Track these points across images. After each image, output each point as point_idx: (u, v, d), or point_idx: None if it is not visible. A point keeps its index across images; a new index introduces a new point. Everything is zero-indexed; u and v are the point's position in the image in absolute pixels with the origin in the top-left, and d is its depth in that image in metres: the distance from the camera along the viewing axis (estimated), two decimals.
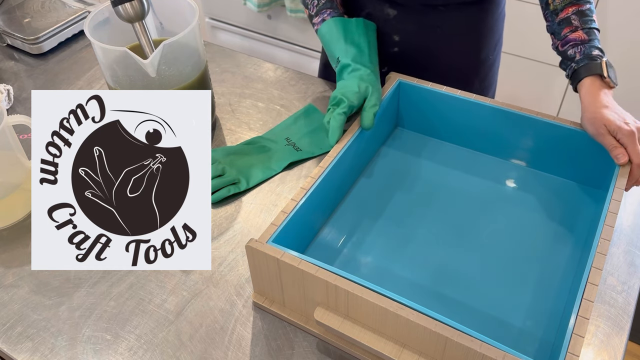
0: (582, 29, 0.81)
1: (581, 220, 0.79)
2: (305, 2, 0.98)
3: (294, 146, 0.94)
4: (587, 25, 0.81)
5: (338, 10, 0.95)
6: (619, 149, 0.74)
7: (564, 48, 0.83)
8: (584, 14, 0.82)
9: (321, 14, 0.94)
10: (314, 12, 0.95)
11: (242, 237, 0.81)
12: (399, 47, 1.00)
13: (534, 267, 0.74)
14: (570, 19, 0.82)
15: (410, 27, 0.97)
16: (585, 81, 0.79)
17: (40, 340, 0.70)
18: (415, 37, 0.98)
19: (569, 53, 0.82)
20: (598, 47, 0.80)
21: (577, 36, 0.81)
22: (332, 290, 0.62)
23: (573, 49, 0.81)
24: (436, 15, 0.95)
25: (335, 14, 0.94)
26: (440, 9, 0.94)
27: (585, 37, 0.81)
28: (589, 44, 0.80)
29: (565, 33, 0.82)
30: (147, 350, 0.68)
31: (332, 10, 0.94)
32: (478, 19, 0.97)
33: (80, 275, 0.77)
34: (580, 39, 0.81)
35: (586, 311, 0.59)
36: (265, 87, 1.08)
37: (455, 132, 0.91)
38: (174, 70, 0.87)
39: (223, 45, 1.44)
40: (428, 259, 0.76)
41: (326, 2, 0.94)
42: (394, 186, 0.86)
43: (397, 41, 0.99)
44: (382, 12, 0.97)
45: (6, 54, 1.19)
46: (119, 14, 0.83)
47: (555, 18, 0.84)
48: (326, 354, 0.68)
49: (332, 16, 0.93)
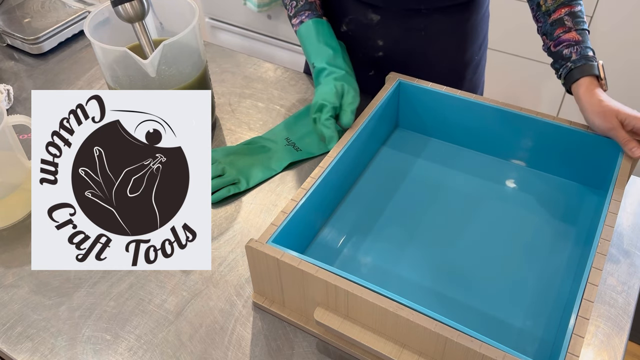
0: (576, 30, 0.82)
1: (581, 221, 0.79)
2: (285, 3, 0.98)
3: (294, 146, 0.94)
4: (580, 26, 0.82)
5: (317, 11, 0.95)
6: (632, 142, 0.75)
7: (558, 48, 0.83)
8: (576, 15, 0.82)
9: (299, 16, 0.95)
10: (292, 13, 0.96)
11: (242, 237, 0.81)
12: (384, 51, 1.00)
13: (534, 267, 0.74)
14: (564, 19, 0.82)
15: (394, 31, 0.97)
16: (583, 81, 0.79)
17: (40, 340, 0.70)
18: (400, 41, 0.98)
19: (564, 53, 0.82)
20: (591, 49, 0.81)
21: (571, 37, 0.82)
22: (332, 290, 0.62)
23: (568, 49, 0.81)
24: (420, 19, 0.95)
25: (314, 15, 0.94)
26: (424, 12, 0.94)
27: (579, 37, 0.81)
28: (584, 44, 0.81)
29: (559, 34, 0.83)
30: (147, 351, 0.68)
31: (311, 12, 0.94)
32: (462, 20, 0.97)
33: (80, 275, 0.77)
34: (575, 40, 0.81)
35: (586, 311, 0.59)
36: (265, 87, 1.08)
37: (455, 132, 0.91)
38: (174, 70, 0.87)
39: (223, 45, 1.44)
40: (428, 259, 0.76)
41: (305, 4, 0.95)
42: (394, 186, 0.86)
43: (382, 45, 1.00)
44: (365, 17, 0.97)
45: (6, 54, 1.19)
46: (119, 14, 0.83)
47: (548, 19, 0.84)
48: (326, 354, 0.68)
49: (310, 18, 0.94)
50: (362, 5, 0.96)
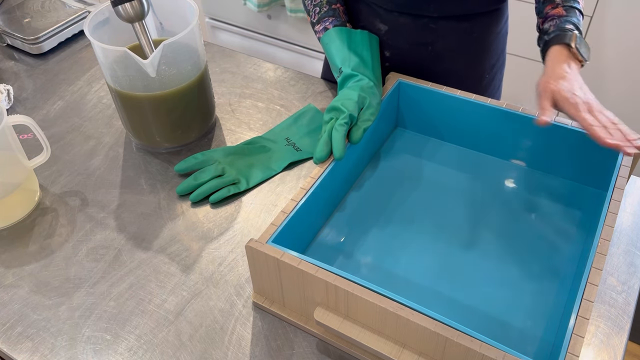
0: (563, 6, 0.82)
1: (581, 221, 0.79)
2: (307, 9, 0.97)
3: (294, 146, 0.94)
4: (569, 3, 0.82)
5: (340, 18, 0.93)
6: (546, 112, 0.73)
7: (544, 25, 0.83)
8: None
9: (323, 22, 0.93)
10: (316, 19, 0.94)
11: (242, 237, 0.81)
12: (391, 62, 0.99)
13: (534, 267, 0.74)
14: None
15: (401, 44, 0.96)
16: (552, 49, 0.78)
17: (40, 340, 0.70)
18: (407, 54, 0.97)
19: (544, 27, 0.82)
20: (573, 23, 0.80)
21: (556, 12, 0.82)
22: (332, 290, 0.62)
23: (549, 23, 0.81)
24: (427, 33, 0.94)
25: (338, 22, 0.92)
26: (432, 26, 0.93)
27: (563, 12, 0.81)
28: (565, 17, 0.80)
29: (547, 10, 0.83)
30: (147, 351, 0.68)
31: (335, 19, 0.93)
32: (471, 37, 0.95)
33: (80, 275, 0.77)
34: (558, 14, 0.81)
35: (586, 311, 0.59)
36: (265, 87, 1.08)
37: (455, 132, 0.91)
38: (174, 70, 0.87)
39: (223, 45, 1.44)
40: (428, 258, 0.76)
41: (328, 10, 0.93)
42: (394, 186, 0.86)
43: (389, 57, 0.99)
44: (373, 27, 0.97)
45: (6, 54, 1.19)
46: (119, 14, 0.83)
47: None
48: (326, 354, 0.68)
49: (334, 25, 0.92)
50: (372, 14, 0.96)
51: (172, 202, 0.86)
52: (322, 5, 0.94)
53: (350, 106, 0.79)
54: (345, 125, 0.77)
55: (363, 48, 0.88)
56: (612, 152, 0.77)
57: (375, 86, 0.84)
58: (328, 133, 0.77)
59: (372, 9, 0.95)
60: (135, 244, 0.80)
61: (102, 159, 0.94)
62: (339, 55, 0.88)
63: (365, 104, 0.81)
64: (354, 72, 0.85)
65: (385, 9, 0.94)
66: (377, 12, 0.95)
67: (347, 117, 0.78)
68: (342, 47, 0.89)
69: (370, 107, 0.81)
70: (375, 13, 0.95)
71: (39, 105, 1.05)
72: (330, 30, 0.91)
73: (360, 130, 0.79)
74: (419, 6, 0.91)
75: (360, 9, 0.97)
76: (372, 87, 0.83)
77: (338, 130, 0.77)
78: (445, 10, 0.91)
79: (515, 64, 1.88)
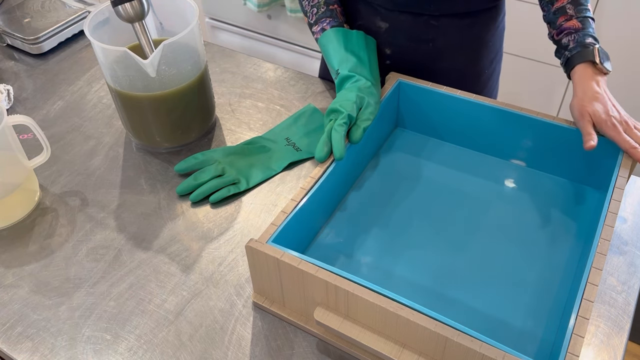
0: (577, 17, 0.82)
1: (581, 221, 0.79)
2: (305, 10, 0.97)
3: (294, 146, 0.94)
4: (582, 14, 0.82)
5: (338, 19, 0.93)
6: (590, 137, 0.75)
7: (559, 37, 0.83)
8: (579, 3, 0.83)
9: (320, 23, 0.93)
10: (313, 20, 0.94)
11: (242, 237, 0.81)
12: (391, 60, 0.99)
13: (534, 267, 0.74)
14: (566, 8, 0.83)
15: (401, 41, 0.96)
16: (578, 68, 0.79)
17: (40, 340, 0.70)
18: (407, 51, 0.97)
19: (563, 42, 0.82)
20: (592, 35, 0.81)
21: (571, 25, 0.82)
22: (332, 290, 0.62)
23: (567, 37, 0.82)
24: (428, 30, 0.94)
25: (335, 23, 0.92)
26: (432, 23, 0.93)
27: (579, 25, 0.81)
28: (583, 31, 0.81)
29: (561, 22, 0.83)
30: (147, 351, 0.68)
31: (332, 19, 0.93)
32: (472, 34, 0.96)
33: (80, 275, 0.77)
34: (575, 28, 0.82)
35: (586, 311, 0.59)
36: (265, 87, 1.08)
37: (455, 132, 0.91)
38: (174, 70, 0.87)
39: (223, 45, 1.44)
40: (428, 259, 0.76)
41: (325, 11, 0.93)
42: (394, 186, 0.86)
43: (389, 54, 0.99)
44: (373, 25, 0.97)
45: (6, 54, 1.19)
46: (119, 14, 0.83)
47: (551, 7, 0.85)
48: (326, 354, 0.68)
49: (331, 25, 0.92)
50: (372, 12, 0.96)
51: (172, 202, 0.86)
52: (320, 6, 0.94)
53: (349, 107, 0.79)
54: (344, 125, 0.78)
55: (360, 48, 0.89)
56: (612, 152, 0.77)
57: (373, 86, 0.84)
58: (327, 133, 0.78)
59: (372, 8, 0.95)
60: (135, 244, 0.80)
61: (102, 159, 0.94)
62: (336, 56, 0.88)
63: (364, 104, 0.81)
64: (351, 73, 0.85)
65: (386, 9, 0.94)
66: (377, 11, 0.95)
67: (345, 118, 0.78)
68: (339, 48, 0.89)
69: (369, 106, 0.81)
70: (375, 12, 0.95)
71: (39, 105, 1.05)
72: (328, 31, 0.91)
73: (360, 129, 0.79)
74: (420, 5, 0.91)
75: (359, 8, 0.97)
76: (370, 86, 0.83)
77: (337, 130, 0.77)
78: (446, 9, 0.91)
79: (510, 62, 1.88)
